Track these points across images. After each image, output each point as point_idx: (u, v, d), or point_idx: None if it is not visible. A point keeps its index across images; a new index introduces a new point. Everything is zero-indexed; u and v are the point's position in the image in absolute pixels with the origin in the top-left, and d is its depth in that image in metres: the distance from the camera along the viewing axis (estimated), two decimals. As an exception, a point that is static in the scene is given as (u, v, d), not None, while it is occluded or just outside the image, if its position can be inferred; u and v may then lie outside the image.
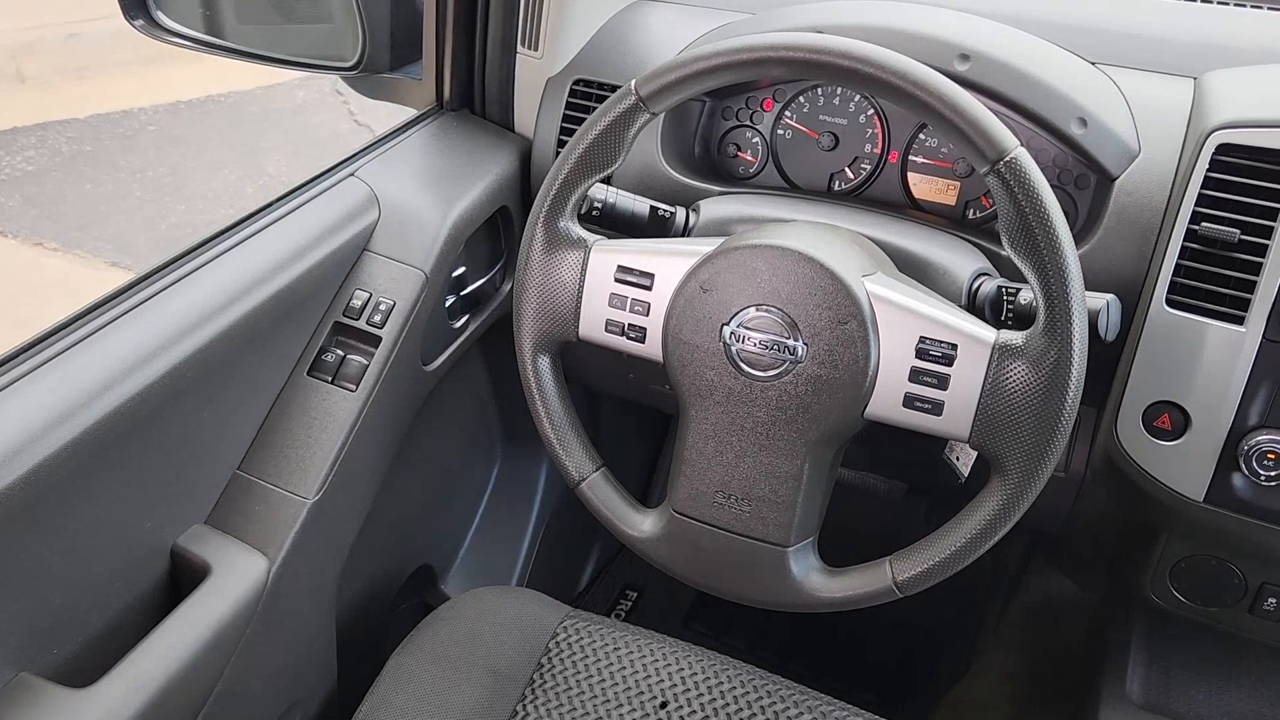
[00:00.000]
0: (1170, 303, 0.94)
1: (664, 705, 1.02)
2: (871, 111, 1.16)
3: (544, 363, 0.96)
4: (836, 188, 1.20)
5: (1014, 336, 0.81)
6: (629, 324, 0.92)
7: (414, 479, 1.28)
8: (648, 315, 0.91)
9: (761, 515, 0.89)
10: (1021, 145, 0.78)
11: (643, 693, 1.03)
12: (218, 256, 0.98)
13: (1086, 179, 1.07)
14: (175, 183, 4.06)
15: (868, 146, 1.18)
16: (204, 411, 0.96)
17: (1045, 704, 1.33)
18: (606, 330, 0.93)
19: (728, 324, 0.87)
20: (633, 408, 1.44)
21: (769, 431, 0.87)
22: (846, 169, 1.19)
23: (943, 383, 0.83)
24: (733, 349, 0.87)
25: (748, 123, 1.22)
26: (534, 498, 1.56)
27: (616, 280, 0.92)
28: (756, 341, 0.86)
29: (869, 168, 1.18)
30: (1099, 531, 1.16)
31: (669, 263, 0.90)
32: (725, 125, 1.23)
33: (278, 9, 1.35)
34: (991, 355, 0.81)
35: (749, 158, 1.22)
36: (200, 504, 0.99)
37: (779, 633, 1.64)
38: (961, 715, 1.39)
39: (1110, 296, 0.90)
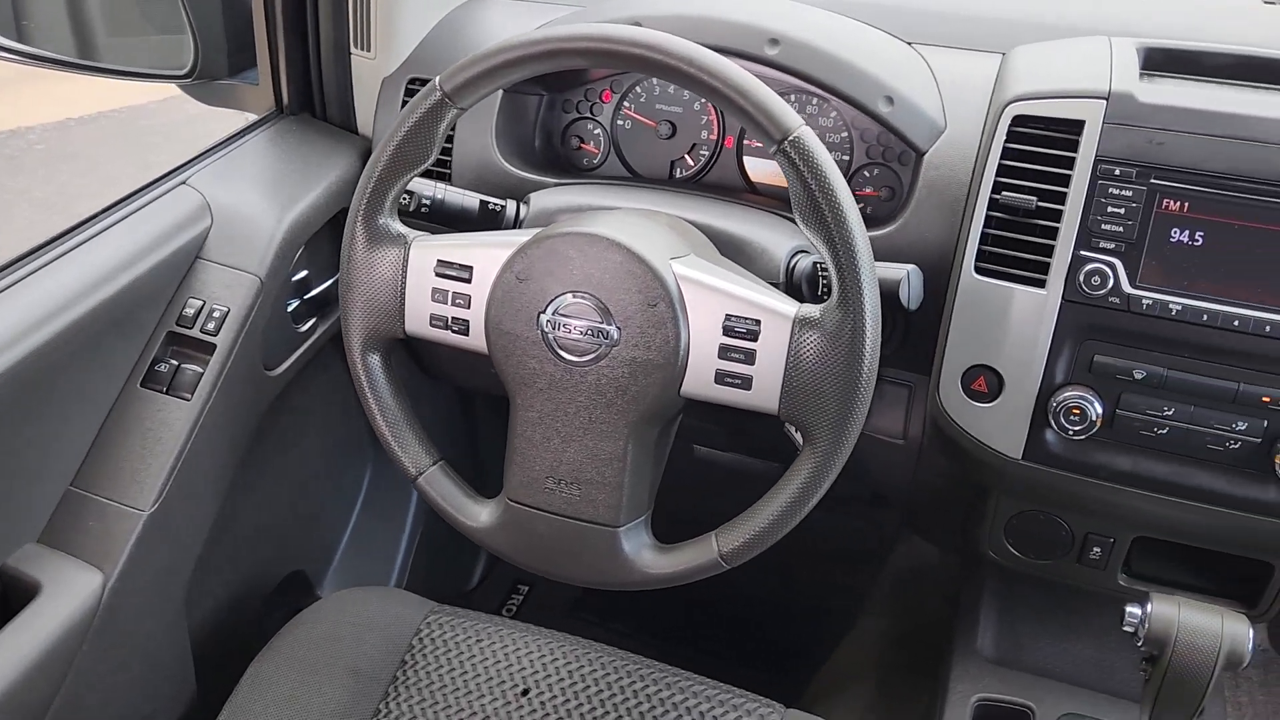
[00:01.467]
0: (978, 270, 0.97)
1: (525, 692, 1.04)
2: (705, 99, 1.19)
3: (374, 360, 0.97)
4: (678, 175, 1.22)
5: (812, 310, 0.84)
6: (452, 317, 0.93)
7: (276, 484, 1.28)
8: (469, 308, 0.92)
9: (591, 498, 0.91)
10: (805, 124, 0.81)
11: (504, 681, 1.04)
12: (38, 270, 0.96)
13: (908, 155, 1.11)
14: (65, 201, 3.95)
15: (704, 133, 1.20)
16: (31, 427, 0.95)
17: (907, 666, 1.37)
18: (431, 325, 0.94)
19: (544, 312, 0.88)
20: (504, 403, 1.45)
21: (591, 415, 0.89)
22: (686, 156, 1.21)
23: (749, 358, 0.85)
24: (550, 336, 0.88)
25: (588, 114, 1.23)
26: (411, 497, 1.56)
27: (437, 274, 0.93)
28: (573, 328, 0.88)
29: (707, 154, 1.20)
30: (941, 495, 1.20)
31: (487, 255, 0.91)
32: (567, 118, 1.24)
33: (108, 17, 1.33)
34: (793, 329, 0.84)
35: (592, 149, 1.24)
36: (32, 522, 0.98)
37: (665, 618, 1.66)
38: (834, 683, 1.43)
39: (910, 267, 0.94)
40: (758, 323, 0.85)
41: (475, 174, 1.16)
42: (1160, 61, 1.02)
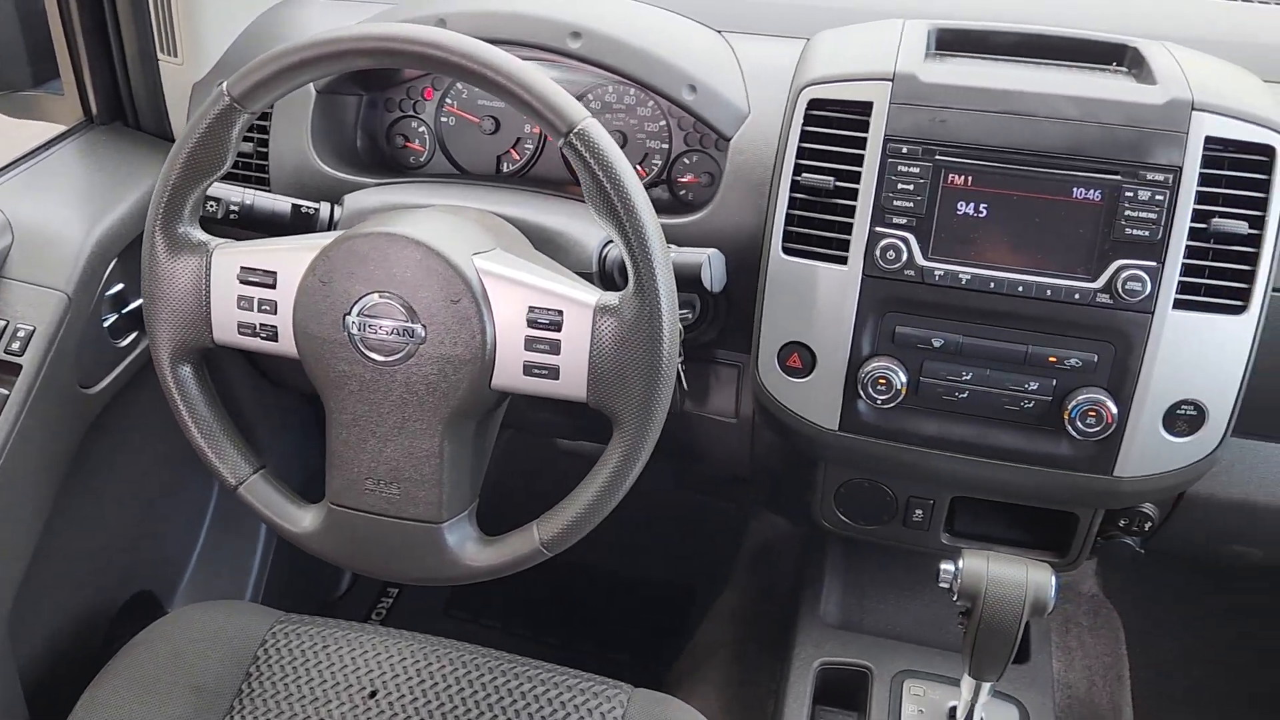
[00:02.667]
0: (785, 250, 1.00)
1: (373, 694, 1.03)
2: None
3: (185, 372, 0.95)
4: (505, 170, 1.23)
5: (611, 298, 0.86)
6: (260, 324, 0.92)
7: (110, 503, 1.24)
8: (276, 314, 0.91)
9: (411, 495, 0.91)
10: (590, 116, 0.82)
11: (351, 685, 1.03)
12: None
13: (723, 142, 1.13)
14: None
15: (527, 127, 1.21)
16: None
17: (758, 638, 1.41)
18: (240, 333, 0.93)
19: (350, 313, 0.88)
20: None
21: (404, 414, 0.89)
22: (512, 150, 1.22)
23: (555, 348, 0.86)
24: (357, 337, 0.88)
25: (411, 112, 1.23)
26: None
27: (241, 281, 0.91)
28: (379, 328, 0.88)
29: (531, 148, 1.21)
30: (776, 469, 1.24)
31: (290, 259, 0.90)
32: (390, 116, 1.24)
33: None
34: (594, 317, 0.85)
35: (417, 147, 1.24)
36: None
37: (535, 610, 1.67)
38: (694, 660, 1.46)
39: (711, 251, 0.96)
40: (560, 313, 0.86)
41: (293, 177, 1.15)
42: (951, 41, 1.06)
